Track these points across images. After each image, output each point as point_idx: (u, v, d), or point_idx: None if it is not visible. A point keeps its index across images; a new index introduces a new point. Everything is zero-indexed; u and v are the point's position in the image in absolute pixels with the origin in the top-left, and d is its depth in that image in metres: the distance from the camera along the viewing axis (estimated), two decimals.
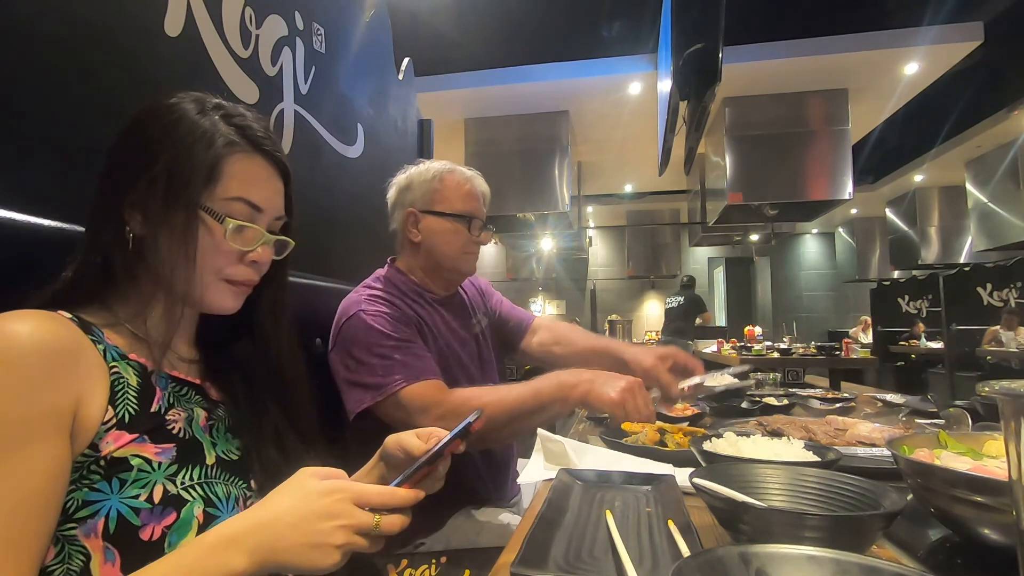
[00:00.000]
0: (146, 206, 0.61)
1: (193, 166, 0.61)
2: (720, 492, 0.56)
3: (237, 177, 0.63)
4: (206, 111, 0.64)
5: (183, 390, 0.65)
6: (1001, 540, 0.54)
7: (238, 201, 0.63)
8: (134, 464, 0.56)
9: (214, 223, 0.62)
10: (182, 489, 0.58)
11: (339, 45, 1.54)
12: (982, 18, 4.26)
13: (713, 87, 2.79)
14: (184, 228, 0.60)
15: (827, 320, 9.92)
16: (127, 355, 0.60)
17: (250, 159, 0.65)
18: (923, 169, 7.58)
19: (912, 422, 1.34)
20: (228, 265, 0.64)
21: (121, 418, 0.57)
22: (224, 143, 0.62)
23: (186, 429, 0.62)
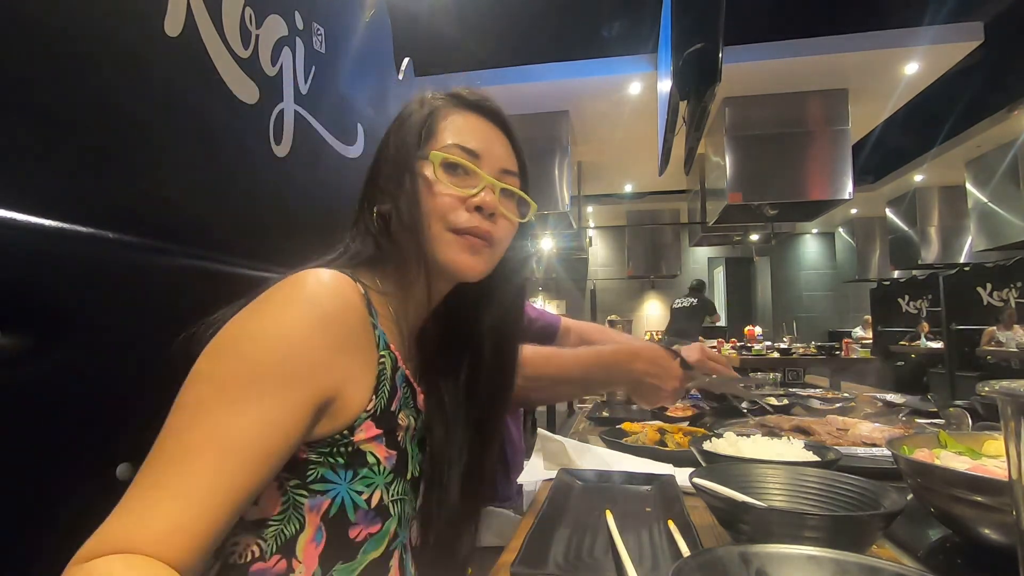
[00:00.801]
0: (382, 180, 0.65)
1: (409, 133, 0.64)
2: (720, 492, 0.56)
3: (449, 129, 0.64)
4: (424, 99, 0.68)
5: (408, 391, 0.63)
6: (1001, 540, 0.54)
7: (451, 147, 0.63)
8: (370, 462, 0.56)
9: (429, 168, 0.62)
10: (391, 501, 0.58)
11: (339, 45, 1.54)
12: (982, 18, 4.26)
13: (713, 87, 2.79)
14: (408, 186, 0.62)
15: (827, 320, 9.92)
16: (390, 343, 0.60)
17: (463, 115, 0.66)
18: (923, 169, 7.59)
19: (912, 422, 1.33)
20: (451, 211, 0.61)
21: (375, 410, 0.57)
22: (432, 108, 0.66)
23: (405, 438, 0.61)
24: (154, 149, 0.85)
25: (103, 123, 0.77)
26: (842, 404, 1.59)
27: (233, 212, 1.05)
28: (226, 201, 1.04)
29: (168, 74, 0.91)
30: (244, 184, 1.10)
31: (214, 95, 1.01)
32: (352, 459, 0.55)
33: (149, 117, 0.85)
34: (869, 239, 9.64)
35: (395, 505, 0.58)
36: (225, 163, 1.04)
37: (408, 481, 0.61)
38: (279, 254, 0.70)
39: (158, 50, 0.90)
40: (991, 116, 6.01)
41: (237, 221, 1.06)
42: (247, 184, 1.11)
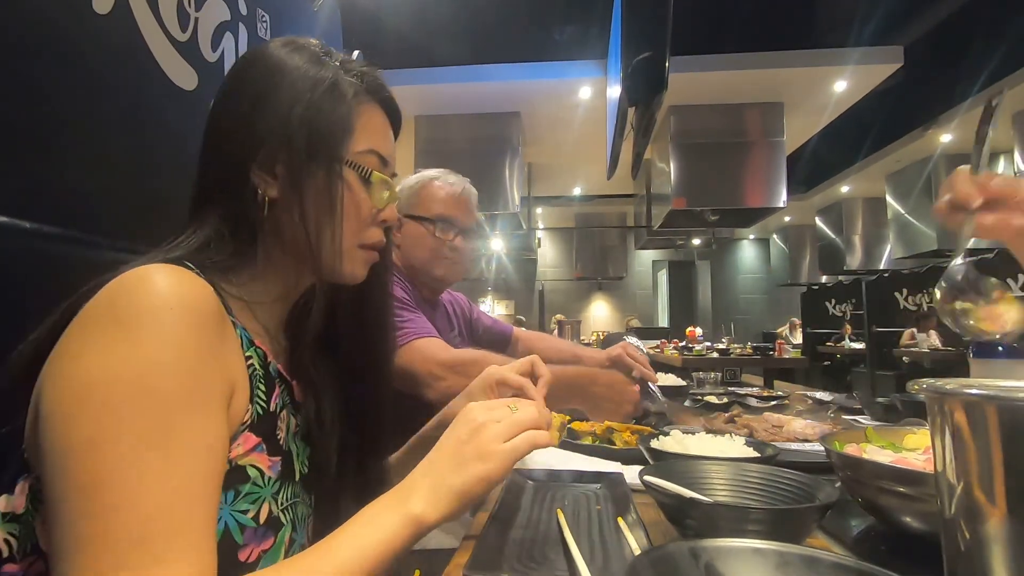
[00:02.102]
0: (278, 165, 0.55)
1: (330, 116, 0.56)
2: (669, 488, 0.58)
3: (366, 128, 0.59)
4: (322, 61, 0.58)
5: (284, 387, 0.58)
6: (922, 527, 0.58)
7: (371, 154, 0.59)
8: (251, 476, 0.50)
9: (355, 178, 0.57)
10: (281, 510, 0.53)
11: (285, 33, 1.48)
12: (902, 42, 4.60)
13: (660, 95, 2.87)
14: (328, 185, 0.55)
15: (762, 322, 10.43)
16: (253, 340, 0.54)
17: (373, 109, 0.61)
18: (849, 181, 8.10)
19: (839, 418, 1.42)
20: (366, 226, 0.59)
21: (253, 418, 0.51)
22: (353, 91, 0.58)
23: (287, 437, 0.56)
24: (79, 134, 0.79)
25: (22, 105, 0.71)
26: (777, 402, 1.67)
27: (167, 203, 0.99)
28: (159, 192, 0.98)
29: (97, 55, 0.85)
30: (180, 174, 1.04)
31: (148, 79, 0.95)
32: (231, 477, 0.48)
33: (75, 100, 0.79)
34: (800, 246, 10.21)
35: (286, 513, 0.54)
36: (159, 151, 0.98)
37: (298, 482, 0.57)
38: None
39: (86, 28, 0.84)
40: (909, 133, 6.49)
41: (171, 213, 1.00)
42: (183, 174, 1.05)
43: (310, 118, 0.55)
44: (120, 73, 0.88)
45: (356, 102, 0.58)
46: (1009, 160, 6.37)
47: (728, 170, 5.13)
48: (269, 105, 0.55)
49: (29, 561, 0.45)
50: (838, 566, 0.40)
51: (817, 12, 6.21)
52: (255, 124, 0.55)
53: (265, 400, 0.53)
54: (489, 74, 4.91)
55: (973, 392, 0.34)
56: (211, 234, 0.54)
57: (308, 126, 0.55)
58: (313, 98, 0.56)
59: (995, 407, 0.33)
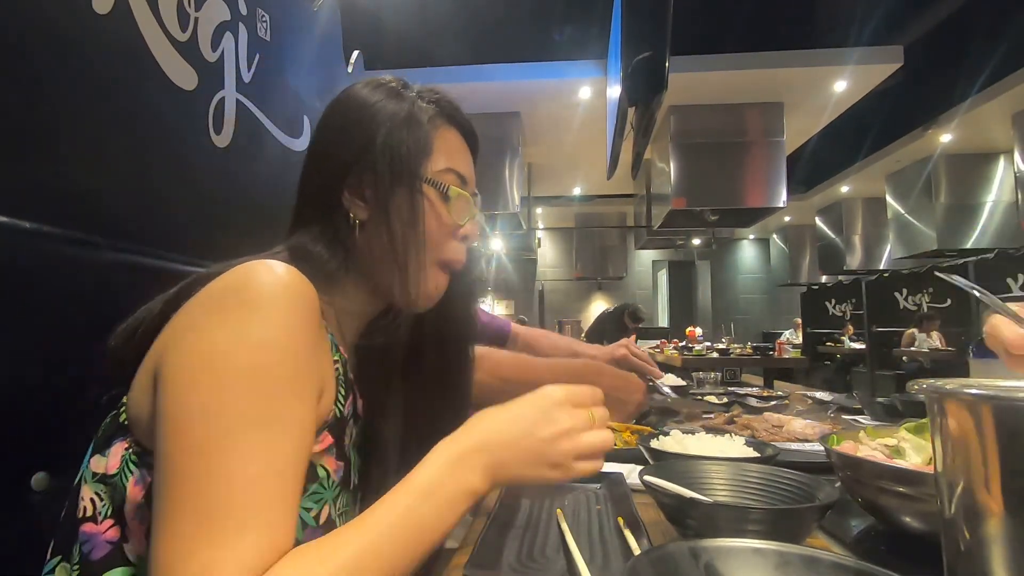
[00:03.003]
0: (366, 189, 0.60)
1: (408, 141, 0.60)
2: (669, 488, 0.58)
3: (443, 150, 0.62)
4: (400, 93, 0.63)
5: (353, 396, 0.60)
6: (922, 527, 0.58)
7: (449, 172, 0.62)
8: (319, 476, 0.52)
9: (436, 195, 0.61)
10: (337, 516, 0.55)
11: (285, 33, 1.48)
12: (902, 42, 4.60)
13: (660, 95, 2.87)
14: (410, 203, 0.59)
15: (761, 322, 10.43)
16: (339, 346, 0.57)
17: (449, 131, 0.64)
18: (848, 181, 8.10)
19: (839, 418, 1.42)
20: (445, 243, 0.62)
21: (333, 419, 0.54)
22: (428, 117, 0.62)
23: (349, 446, 0.59)
24: (79, 134, 0.79)
25: (22, 104, 0.71)
26: (776, 402, 1.67)
27: (166, 204, 0.99)
28: (159, 192, 0.98)
29: (96, 54, 0.85)
30: (179, 175, 1.04)
31: (147, 79, 0.95)
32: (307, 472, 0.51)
33: (75, 99, 0.79)
34: (800, 245, 10.21)
35: (341, 519, 0.56)
36: (159, 151, 0.98)
37: (350, 492, 0.59)
38: (216, 249, 0.66)
39: (86, 28, 0.84)
40: (909, 133, 6.49)
41: (171, 213, 1.00)
42: (183, 175, 1.05)
43: (391, 144, 0.60)
44: (120, 73, 0.88)
45: (432, 126, 0.62)
46: (1009, 160, 6.38)
47: (728, 170, 5.13)
48: (355, 136, 0.61)
49: (107, 525, 0.48)
50: (838, 566, 0.40)
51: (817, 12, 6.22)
52: (344, 154, 0.61)
53: (342, 405, 0.56)
54: (489, 74, 4.91)
55: (973, 392, 0.34)
56: (308, 249, 0.59)
57: (390, 151, 0.59)
58: (393, 125, 0.60)
59: (995, 407, 0.33)
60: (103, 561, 0.47)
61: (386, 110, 0.61)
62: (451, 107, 0.65)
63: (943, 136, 6.32)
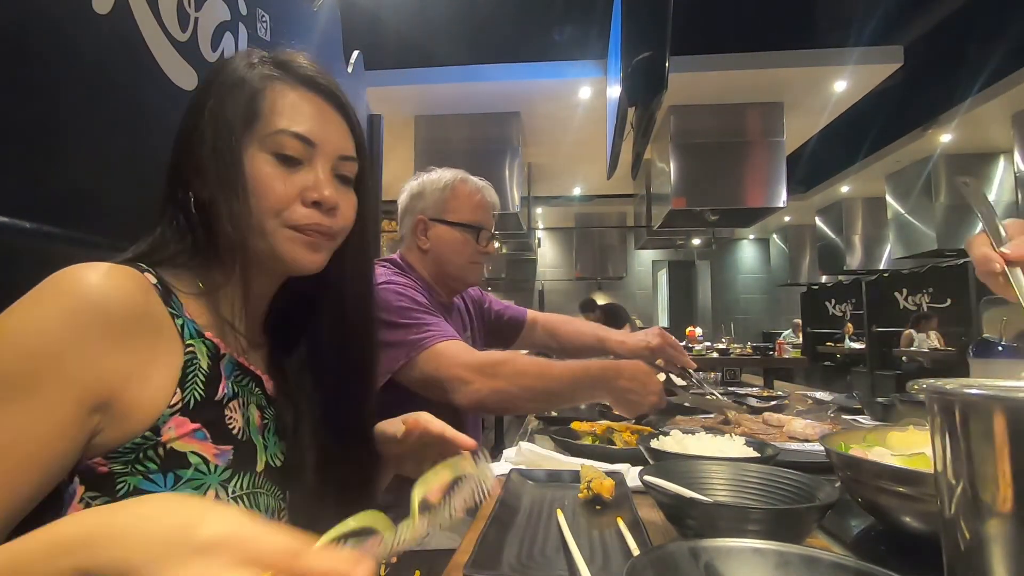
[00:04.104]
0: (199, 164, 0.58)
1: (232, 108, 0.58)
2: (669, 488, 0.58)
3: (280, 112, 0.58)
4: (253, 62, 0.60)
5: (245, 380, 0.61)
6: (922, 527, 0.58)
7: (283, 134, 0.58)
8: (192, 462, 0.52)
9: (263, 159, 0.58)
10: (233, 498, 0.55)
11: (285, 33, 1.48)
12: (902, 42, 4.60)
13: (660, 95, 2.87)
14: (232, 171, 0.56)
15: (761, 322, 10.42)
16: (204, 332, 0.56)
17: (295, 92, 0.60)
18: (848, 181, 8.10)
19: (839, 418, 1.42)
20: (287, 206, 0.58)
21: (187, 403, 0.53)
22: (260, 78, 0.59)
23: (244, 429, 0.58)
24: (79, 134, 0.79)
25: (22, 105, 0.71)
26: (776, 402, 1.67)
27: None
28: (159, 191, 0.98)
29: (97, 54, 0.85)
30: None
31: (147, 79, 0.95)
32: (168, 462, 0.50)
33: (75, 100, 0.79)
34: (800, 245, 10.20)
35: (239, 501, 0.55)
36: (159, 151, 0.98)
37: (261, 473, 0.59)
38: None
39: (86, 28, 0.84)
40: (909, 133, 6.49)
41: None
42: None
43: (216, 114, 0.58)
44: (120, 73, 0.88)
45: (264, 85, 0.59)
46: (1009, 160, 6.38)
47: (728, 170, 5.12)
48: (192, 110, 0.60)
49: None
50: (838, 566, 0.40)
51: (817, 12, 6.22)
52: (183, 131, 0.60)
53: (203, 389, 0.54)
54: (489, 74, 4.90)
55: (973, 392, 0.34)
56: (162, 234, 0.59)
57: (215, 122, 0.58)
58: (221, 92, 0.59)
59: (995, 407, 0.33)
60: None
61: (223, 75, 0.60)
62: (291, 67, 0.61)
63: (943, 136, 6.31)
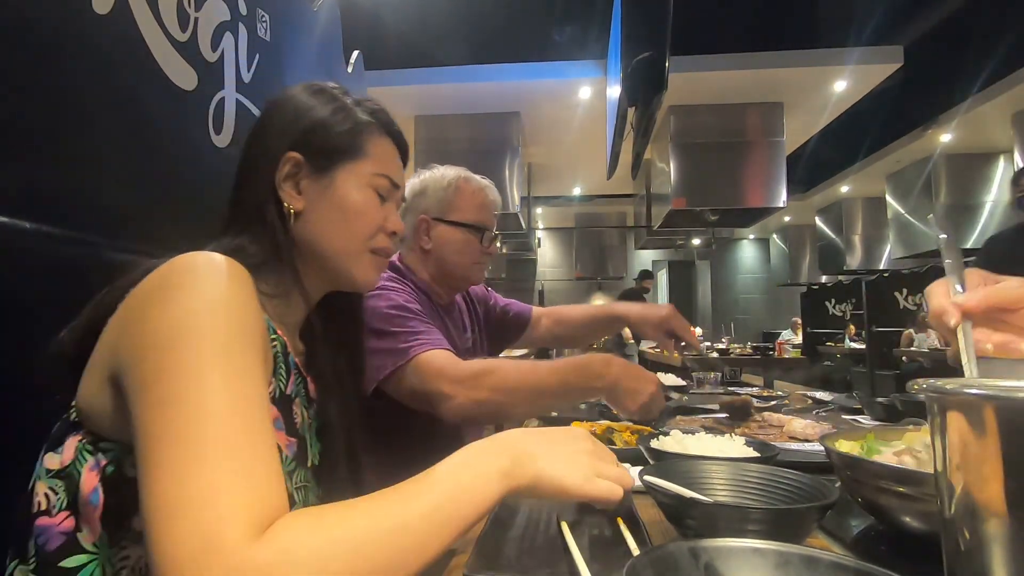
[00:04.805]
0: (303, 181, 0.65)
1: (339, 139, 0.66)
2: (669, 488, 0.57)
3: (377, 156, 0.69)
4: (337, 96, 0.69)
5: (300, 379, 0.65)
6: (922, 527, 0.58)
7: (384, 178, 0.69)
8: None
9: (367, 192, 0.68)
10: (295, 489, 0.58)
11: (285, 33, 1.48)
12: (902, 42, 4.60)
13: (660, 95, 2.87)
14: (338, 198, 0.66)
15: (761, 321, 10.42)
16: (276, 329, 0.61)
17: (383, 140, 0.71)
18: (848, 181, 8.10)
19: (838, 418, 1.42)
20: (376, 233, 0.69)
21: (275, 392, 0.57)
22: (364, 122, 0.69)
23: (302, 424, 0.62)
24: (79, 134, 0.79)
25: (22, 105, 0.71)
26: (776, 402, 1.67)
27: (166, 203, 0.99)
28: (159, 192, 0.98)
29: (97, 54, 0.85)
30: (180, 174, 1.04)
31: (148, 79, 0.95)
32: None
33: (75, 99, 0.79)
34: (800, 245, 10.20)
35: (299, 493, 0.59)
36: (159, 151, 0.98)
37: (309, 469, 0.63)
38: None
39: (86, 28, 0.84)
40: (909, 133, 6.49)
41: (172, 212, 1.00)
42: (183, 174, 1.05)
43: (329, 140, 0.66)
44: (120, 73, 0.88)
45: (368, 132, 0.69)
46: (1009, 160, 6.37)
47: (728, 170, 5.12)
48: (289, 131, 0.66)
49: (62, 517, 0.50)
50: (838, 566, 0.40)
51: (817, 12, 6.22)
52: (282, 148, 0.65)
53: (284, 382, 0.59)
54: (489, 74, 4.90)
55: (973, 392, 0.34)
56: (243, 241, 0.62)
57: (329, 147, 0.66)
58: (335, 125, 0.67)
59: (995, 407, 0.33)
60: (59, 551, 0.49)
61: (327, 111, 0.67)
62: (387, 118, 0.72)
63: (943, 136, 6.31)
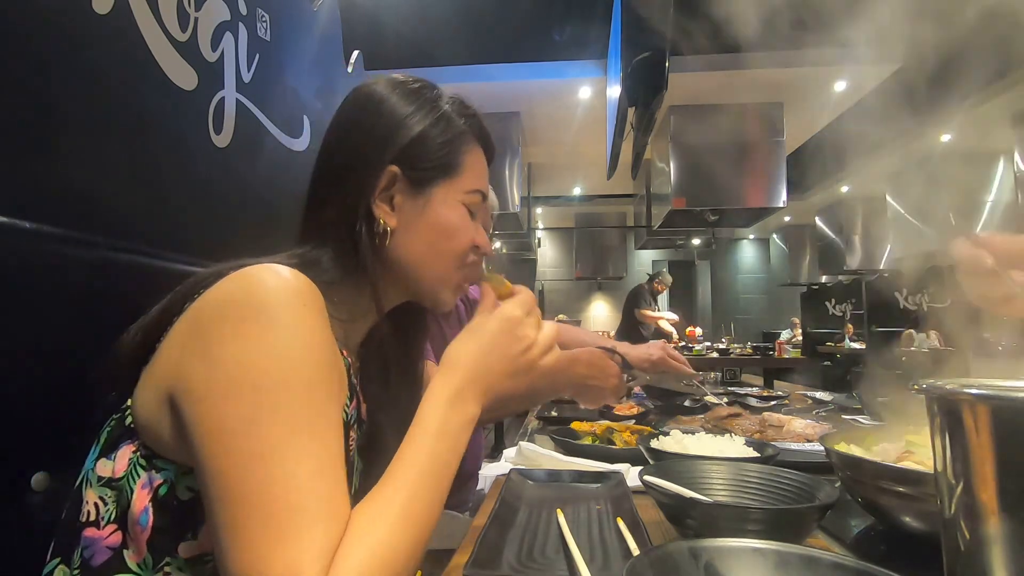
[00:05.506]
0: (399, 197, 0.60)
1: (439, 155, 0.61)
2: (669, 488, 0.57)
3: (473, 169, 0.64)
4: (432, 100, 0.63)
5: (357, 402, 0.62)
6: (922, 527, 0.58)
7: (478, 194, 0.64)
8: None
9: (460, 210, 0.62)
10: None
11: (285, 33, 1.48)
12: (902, 43, 4.58)
13: (660, 95, 2.87)
14: (438, 217, 0.61)
15: (761, 321, 10.41)
16: (342, 351, 0.58)
17: (477, 151, 0.66)
18: (848, 181, 8.09)
19: (838, 418, 1.42)
20: (467, 254, 0.64)
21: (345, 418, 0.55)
22: (462, 133, 0.63)
23: (353, 449, 0.61)
24: (79, 134, 0.79)
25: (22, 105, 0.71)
26: (777, 402, 1.67)
27: (167, 204, 0.99)
28: (159, 191, 0.98)
29: (96, 55, 0.85)
30: (180, 174, 1.04)
31: (147, 79, 0.95)
32: None
33: (75, 99, 0.79)
34: (800, 245, 10.18)
35: None
36: (159, 152, 0.98)
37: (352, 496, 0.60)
38: (217, 249, 0.66)
39: (85, 28, 0.84)
40: (909, 134, 6.48)
41: (171, 213, 1.00)
42: (183, 174, 1.05)
43: (429, 155, 0.60)
44: (120, 73, 0.88)
45: (467, 144, 0.64)
46: (1009, 160, 6.37)
47: (728, 170, 5.12)
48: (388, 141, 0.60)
49: (110, 531, 0.49)
50: (838, 566, 0.40)
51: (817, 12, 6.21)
52: (376, 159, 0.59)
53: (348, 407, 0.57)
54: (489, 74, 4.90)
55: (973, 392, 0.34)
56: (324, 255, 0.58)
57: (428, 161, 0.60)
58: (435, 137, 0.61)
59: (995, 407, 0.33)
60: (104, 567, 0.48)
61: (428, 120, 0.61)
62: (481, 125, 0.67)
63: (943, 136, 6.31)
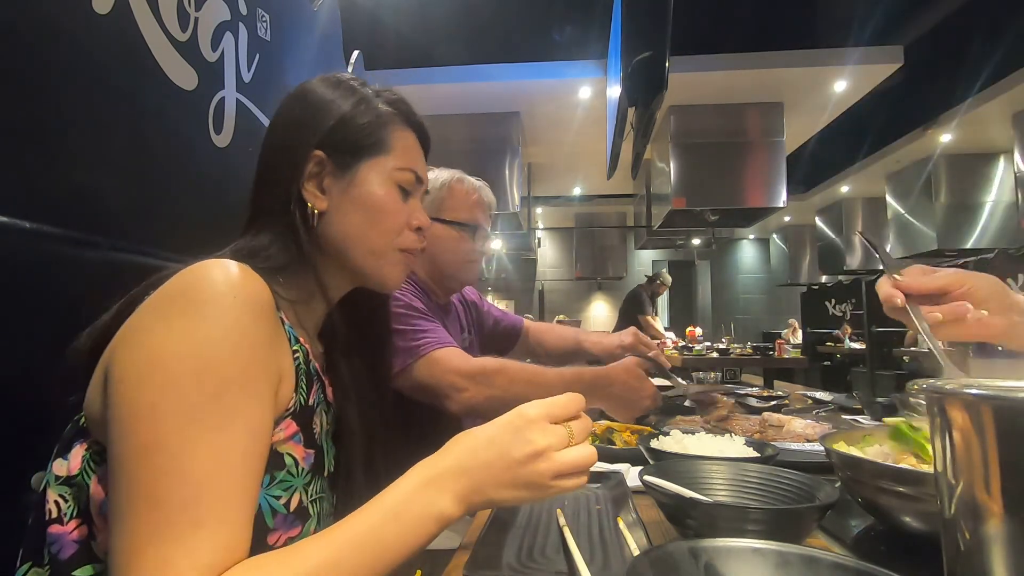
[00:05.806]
0: (326, 179, 0.63)
1: (363, 135, 0.64)
2: (669, 488, 0.57)
3: (400, 149, 0.66)
4: (355, 88, 0.66)
5: (320, 386, 0.62)
6: (922, 527, 0.58)
7: (407, 171, 0.66)
8: (287, 464, 0.53)
9: (390, 187, 0.65)
10: (310, 502, 0.56)
11: (286, 33, 1.48)
12: (902, 42, 4.59)
13: (660, 95, 2.87)
14: (361, 196, 0.63)
15: (762, 321, 10.42)
16: (298, 338, 0.58)
17: (406, 132, 0.68)
18: (848, 181, 8.09)
19: (838, 418, 1.42)
20: (401, 231, 0.66)
21: (296, 407, 0.55)
22: (387, 116, 0.66)
23: (321, 434, 0.61)
24: (79, 134, 0.79)
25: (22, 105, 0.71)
26: (776, 402, 1.67)
27: (167, 203, 0.99)
28: (159, 192, 0.98)
29: (97, 55, 0.85)
30: (180, 174, 1.04)
31: (148, 79, 0.95)
32: (269, 463, 0.51)
33: (75, 99, 0.79)
34: (800, 245, 10.19)
35: (314, 505, 0.57)
36: (159, 151, 0.98)
37: (325, 478, 0.61)
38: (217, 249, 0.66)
39: (86, 28, 0.84)
40: (909, 133, 6.48)
41: (171, 213, 1.00)
42: (184, 174, 1.05)
43: (355, 137, 0.63)
44: (120, 73, 0.88)
45: (391, 123, 0.66)
46: (1009, 160, 6.37)
47: (728, 170, 5.12)
48: (317, 129, 0.63)
49: (73, 525, 0.49)
50: (838, 566, 0.40)
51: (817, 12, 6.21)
52: (303, 146, 0.62)
53: (306, 393, 0.57)
54: (489, 74, 4.90)
55: (973, 392, 0.34)
56: (265, 242, 0.60)
57: (351, 143, 0.63)
58: (357, 119, 0.64)
59: (995, 407, 0.33)
60: (72, 560, 0.49)
61: (348, 105, 0.64)
62: (408, 109, 0.69)
63: (943, 136, 6.31)
